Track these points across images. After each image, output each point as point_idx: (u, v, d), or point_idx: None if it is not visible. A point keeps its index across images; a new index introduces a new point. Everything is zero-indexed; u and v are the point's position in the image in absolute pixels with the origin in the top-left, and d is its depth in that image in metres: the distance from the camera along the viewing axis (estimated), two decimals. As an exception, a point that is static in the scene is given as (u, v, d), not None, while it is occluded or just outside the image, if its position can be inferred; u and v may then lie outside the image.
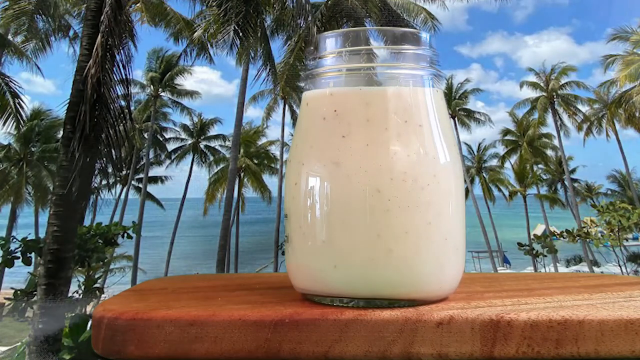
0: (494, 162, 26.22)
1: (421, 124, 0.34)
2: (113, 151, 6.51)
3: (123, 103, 6.71)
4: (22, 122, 13.74)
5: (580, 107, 23.34)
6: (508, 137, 25.45)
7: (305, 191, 0.34)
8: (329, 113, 0.34)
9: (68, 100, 6.11)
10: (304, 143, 0.36)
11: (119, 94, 6.60)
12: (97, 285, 8.90)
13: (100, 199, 7.46)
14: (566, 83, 23.46)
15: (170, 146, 24.65)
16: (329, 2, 13.94)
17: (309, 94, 0.37)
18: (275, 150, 24.48)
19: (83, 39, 6.30)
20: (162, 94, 22.52)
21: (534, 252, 11.52)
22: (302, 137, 0.36)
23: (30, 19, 11.27)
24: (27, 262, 7.47)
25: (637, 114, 20.28)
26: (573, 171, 25.77)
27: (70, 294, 7.19)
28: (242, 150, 22.20)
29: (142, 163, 22.82)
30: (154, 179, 24.03)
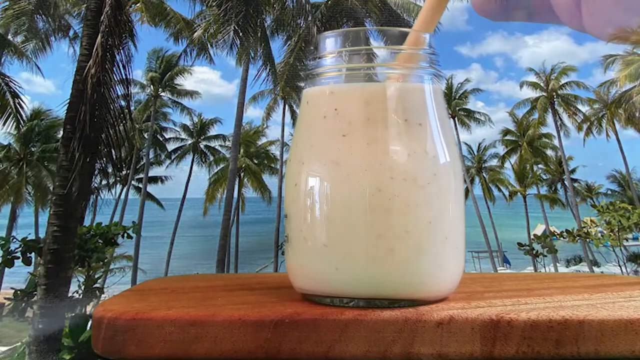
0: (494, 162, 26.24)
1: (421, 123, 0.34)
2: (113, 151, 6.51)
3: (123, 103, 6.71)
4: (22, 122, 13.75)
5: (580, 107, 23.35)
6: (508, 137, 25.45)
7: (306, 191, 0.34)
8: (329, 112, 0.34)
9: (68, 100, 6.11)
10: (304, 142, 0.36)
11: (119, 94, 6.60)
12: (97, 285, 8.90)
13: (100, 199, 7.45)
14: (566, 83, 23.47)
15: (170, 146, 24.67)
16: (329, 2, 13.94)
17: (309, 92, 0.36)
18: (275, 150, 24.50)
19: (83, 39, 6.30)
20: (162, 94, 22.52)
21: (534, 252, 11.51)
22: (302, 136, 0.36)
23: (30, 19, 11.27)
24: (27, 262, 7.47)
25: (637, 114, 20.28)
26: (573, 171, 25.77)
27: (70, 294, 7.19)
28: (242, 150, 22.21)
29: (142, 163, 22.81)
30: (154, 179, 24.03)
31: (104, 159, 6.50)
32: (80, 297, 8.16)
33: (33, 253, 7.42)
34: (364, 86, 0.34)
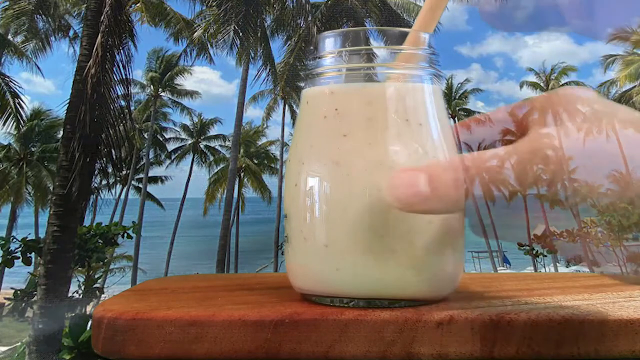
0: (494, 162, 26.15)
1: (421, 123, 0.34)
2: (113, 151, 6.52)
3: (123, 103, 6.72)
4: (22, 122, 13.77)
5: (580, 107, 23.30)
6: (508, 137, 25.40)
7: (306, 191, 0.34)
8: (329, 112, 0.34)
9: (68, 100, 6.12)
10: (304, 142, 0.35)
11: (119, 94, 6.61)
12: (97, 285, 8.91)
13: (100, 199, 7.46)
14: (566, 83, 23.48)
15: (170, 146, 24.69)
16: (329, 2, 13.94)
17: (308, 92, 0.36)
18: (275, 150, 24.52)
19: (83, 39, 6.31)
20: (162, 94, 22.54)
21: (534, 252, 11.52)
22: (302, 136, 0.36)
23: (30, 19, 11.28)
24: (27, 262, 7.48)
25: (637, 114, 20.24)
26: (573, 171, 25.72)
27: (70, 294, 7.20)
28: (242, 150, 22.22)
29: (142, 163, 22.82)
30: (154, 179, 24.04)
31: (104, 159, 6.51)
32: (80, 297, 8.17)
33: (33, 253, 7.43)
34: (364, 86, 0.34)
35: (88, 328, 5.62)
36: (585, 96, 0.33)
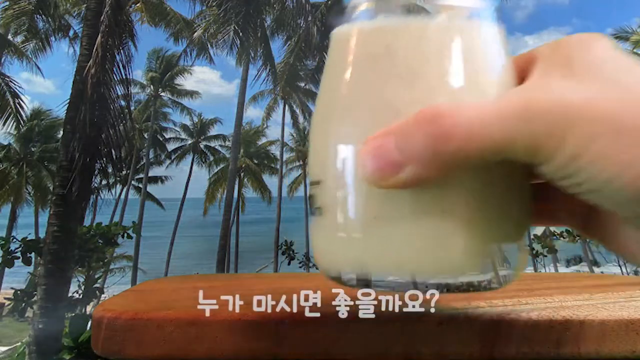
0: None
1: (482, 66, 0.27)
2: (113, 151, 6.52)
3: (123, 103, 6.72)
4: (22, 122, 13.77)
5: (580, 107, 23.32)
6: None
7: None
8: (378, 50, 0.28)
9: (68, 100, 6.12)
10: (344, 87, 0.28)
11: (119, 94, 6.61)
12: (97, 285, 8.91)
13: (100, 199, 7.46)
14: (566, 83, 23.45)
15: (170, 146, 24.65)
16: (329, 2, 13.93)
17: (345, 29, 0.29)
18: (275, 150, 24.49)
19: (83, 39, 6.31)
20: (162, 94, 22.53)
21: (534, 252, 11.52)
22: (339, 80, 0.29)
23: (30, 19, 11.28)
24: (27, 262, 7.48)
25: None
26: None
27: (70, 294, 7.20)
28: (242, 150, 22.21)
29: (142, 163, 22.81)
30: (154, 179, 24.01)
31: (104, 159, 6.51)
32: (80, 297, 8.17)
33: (33, 253, 7.43)
34: (418, 21, 0.27)
35: (88, 328, 5.62)
36: (604, 43, 0.24)
